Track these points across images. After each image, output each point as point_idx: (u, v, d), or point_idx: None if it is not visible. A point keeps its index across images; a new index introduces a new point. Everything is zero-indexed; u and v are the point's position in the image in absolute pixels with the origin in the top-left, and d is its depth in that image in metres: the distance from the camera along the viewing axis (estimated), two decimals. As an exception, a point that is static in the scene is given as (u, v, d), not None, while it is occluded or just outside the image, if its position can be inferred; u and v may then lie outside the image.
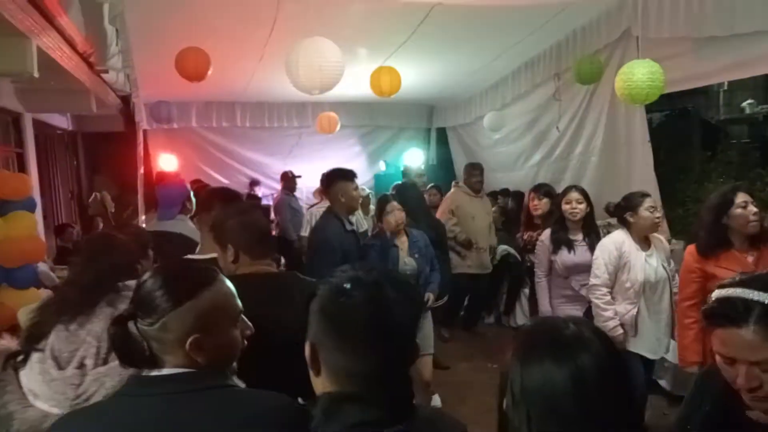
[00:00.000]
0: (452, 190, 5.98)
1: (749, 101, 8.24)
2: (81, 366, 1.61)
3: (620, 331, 3.23)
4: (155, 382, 1.18)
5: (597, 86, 5.25)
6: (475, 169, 5.82)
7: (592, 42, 5.00)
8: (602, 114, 5.36)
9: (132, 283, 1.54)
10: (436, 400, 4.29)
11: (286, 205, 7.32)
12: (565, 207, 3.77)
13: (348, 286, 1.02)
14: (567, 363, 0.97)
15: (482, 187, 5.86)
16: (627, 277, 3.21)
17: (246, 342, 1.32)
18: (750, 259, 2.77)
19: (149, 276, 1.25)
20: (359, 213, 5.65)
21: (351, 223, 3.76)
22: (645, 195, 3.31)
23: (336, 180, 3.70)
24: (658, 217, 3.26)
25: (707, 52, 4.08)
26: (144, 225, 5.81)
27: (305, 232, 5.54)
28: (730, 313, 1.17)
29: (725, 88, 8.60)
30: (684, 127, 7.85)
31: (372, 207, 6.11)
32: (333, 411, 1.00)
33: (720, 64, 4.08)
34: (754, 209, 2.74)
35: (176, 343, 1.17)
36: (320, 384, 1.05)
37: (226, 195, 2.66)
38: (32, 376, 1.57)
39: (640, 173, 4.94)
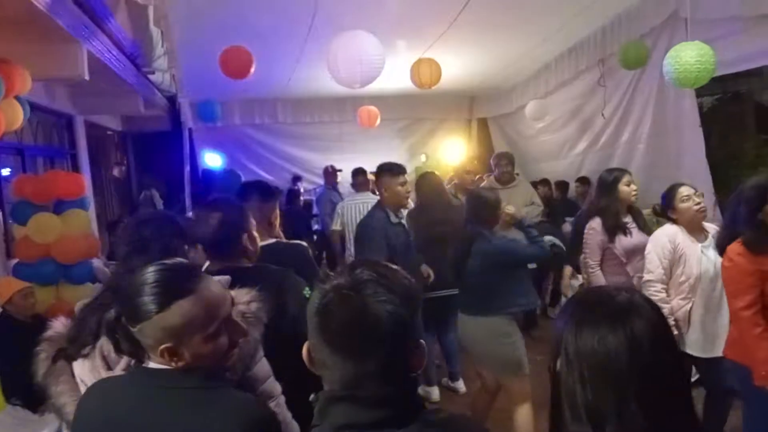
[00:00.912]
0: (483, 183, 5.84)
1: (808, 81, 7.84)
2: (129, 367, 1.63)
3: (674, 332, 3.11)
4: (143, 373, 1.26)
5: (644, 71, 5.09)
6: (502, 159, 5.54)
7: (638, 25, 4.85)
8: (650, 99, 5.20)
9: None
10: (460, 386, 4.37)
11: (327, 200, 7.38)
12: (624, 189, 3.54)
13: (331, 288, 1.01)
14: (622, 327, 1.01)
15: (512, 177, 5.52)
16: (682, 270, 3.04)
17: (236, 344, 1.33)
18: None
19: (132, 279, 1.27)
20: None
21: (398, 216, 3.77)
22: (677, 186, 3.14)
23: (382, 174, 3.77)
24: (698, 204, 3.05)
25: (760, 31, 3.91)
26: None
27: (338, 226, 5.51)
28: None
29: (781, 68, 8.20)
30: (737, 111, 7.53)
31: None
32: (325, 411, 1.00)
33: (776, 44, 3.91)
34: None
35: (153, 347, 1.22)
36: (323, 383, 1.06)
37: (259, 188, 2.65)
38: (84, 368, 1.60)
39: (691, 160, 4.77)
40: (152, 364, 1.25)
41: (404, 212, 3.90)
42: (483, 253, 3.21)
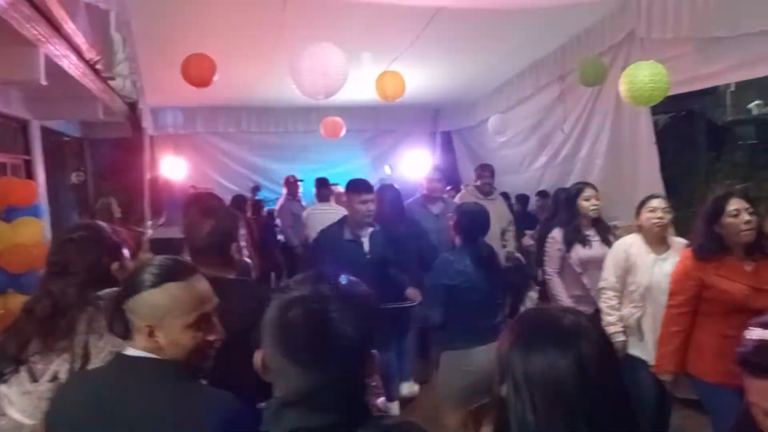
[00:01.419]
0: (461, 192, 5.84)
1: (756, 102, 8.20)
2: (54, 379, 1.59)
3: (621, 338, 3.18)
4: (121, 361, 1.30)
5: (602, 88, 5.25)
6: (485, 170, 5.60)
7: (597, 44, 5.00)
8: (607, 116, 5.35)
9: (111, 291, 1.58)
10: (413, 388, 4.38)
11: (288, 211, 7.32)
12: (583, 204, 3.68)
13: (292, 300, 1.03)
14: (571, 351, 1.02)
15: (492, 189, 5.60)
16: (633, 279, 3.16)
17: (212, 346, 1.37)
18: (748, 268, 2.63)
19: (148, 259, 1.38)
20: None
21: (355, 233, 3.74)
22: (651, 196, 3.24)
23: (347, 190, 3.83)
24: (659, 218, 3.12)
25: (712, 52, 4.07)
26: (150, 230, 5.86)
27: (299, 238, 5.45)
28: None
29: (732, 89, 8.55)
30: (690, 129, 7.82)
31: None
32: (277, 415, 1.02)
33: (725, 65, 4.07)
34: (747, 217, 2.58)
35: (137, 325, 1.29)
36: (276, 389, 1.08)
37: (199, 200, 2.64)
38: (9, 384, 1.57)
39: (646, 175, 4.92)
40: (131, 351, 1.30)
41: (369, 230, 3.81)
42: None
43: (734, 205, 2.61)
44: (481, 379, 2.78)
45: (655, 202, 3.17)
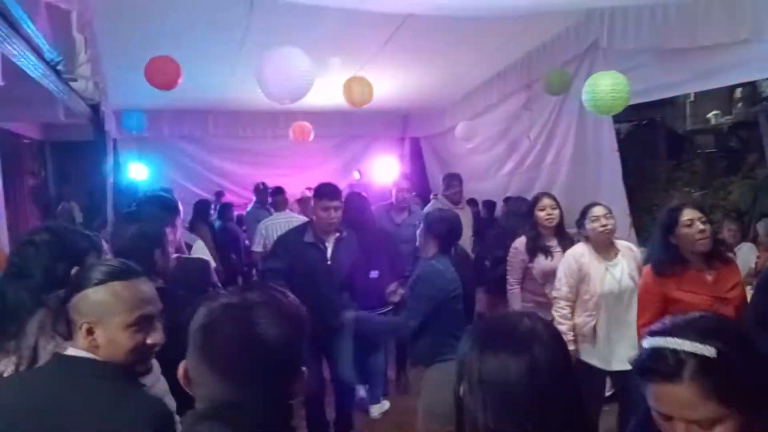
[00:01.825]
0: (431, 202, 5.80)
1: (714, 112, 8.45)
2: None
3: (572, 347, 3.17)
4: (60, 361, 1.32)
5: (566, 97, 5.35)
6: (453, 180, 5.56)
7: (561, 53, 5.10)
8: (572, 124, 5.46)
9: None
10: (384, 407, 4.33)
11: (253, 219, 7.20)
12: (539, 214, 3.72)
13: (218, 306, 1.02)
14: (523, 355, 1.05)
15: (462, 198, 5.62)
16: (586, 288, 3.19)
17: (152, 350, 1.39)
18: (709, 278, 2.65)
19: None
20: None
21: (318, 238, 3.62)
22: (591, 205, 3.26)
23: (313, 195, 3.81)
24: (603, 225, 3.14)
25: (671, 64, 4.20)
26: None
27: (259, 247, 5.24)
28: (662, 367, 1.02)
29: (691, 99, 8.80)
30: (651, 137, 8.02)
31: None
32: (191, 428, 1.00)
33: (684, 76, 4.20)
34: (701, 226, 2.60)
35: (78, 323, 1.30)
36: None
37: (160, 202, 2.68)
38: None
39: (609, 182, 5.04)
40: (71, 351, 1.31)
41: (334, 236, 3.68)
42: None
43: (687, 215, 2.63)
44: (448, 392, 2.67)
45: (597, 210, 3.19)
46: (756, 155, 6.01)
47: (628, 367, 2.99)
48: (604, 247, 3.22)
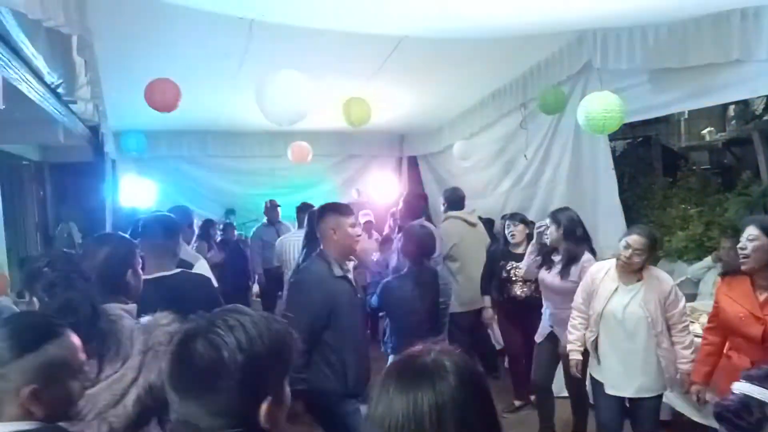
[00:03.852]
0: (447, 221, 5.21)
1: (708, 129, 8.53)
2: None
3: (577, 357, 3.29)
4: None
5: (562, 116, 5.41)
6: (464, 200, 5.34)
7: (556, 73, 5.16)
8: (567, 143, 5.51)
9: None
10: None
11: (257, 237, 7.22)
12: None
13: (183, 329, 1.05)
14: (408, 392, 0.95)
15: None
16: (592, 304, 3.24)
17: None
18: (760, 296, 2.62)
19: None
20: None
21: (343, 268, 2.96)
22: (633, 232, 3.15)
23: (326, 214, 3.00)
24: (627, 258, 3.06)
25: (664, 83, 4.27)
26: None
27: (279, 263, 5.22)
28: (744, 417, 0.93)
29: (686, 116, 8.90)
30: (646, 155, 8.08)
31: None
32: None
33: (676, 95, 4.27)
34: (743, 245, 2.61)
35: (14, 393, 1.23)
36: None
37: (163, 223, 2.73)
38: None
39: (606, 199, 5.08)
40: (2, 427, 1.22)
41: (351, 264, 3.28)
42: None
43: (746, 232, 2.62)
44: None
45: (632, 240, 3.08)
46: (750, 172, 6.05)
47: (639, 394, 3.09)
48: (626, 272, 3.18)
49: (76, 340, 1.35)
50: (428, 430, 0.92)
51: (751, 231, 2.57)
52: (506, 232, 4.70)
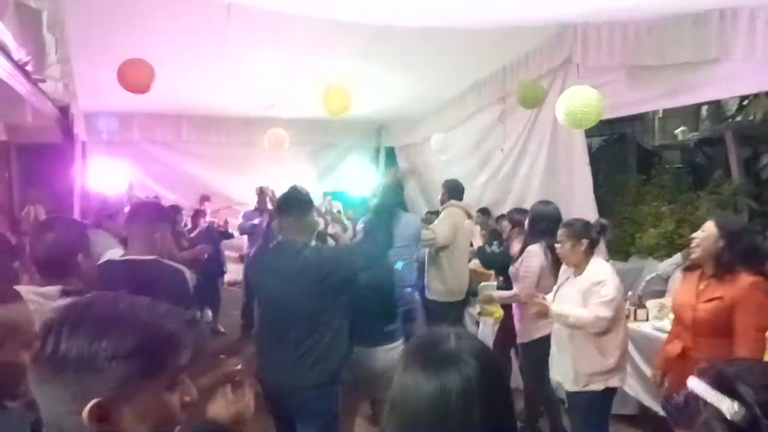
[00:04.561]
0: (450, 209, 5.01)
1: (681, 128, 8.67)
2: None
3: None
4: None
5: (540, 110, 5.43)
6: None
7: (535, 67, 5.19)
8: (545, 137, 5.54)
9: None
10: None
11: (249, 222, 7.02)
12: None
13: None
14: (435, 378, 0.98)
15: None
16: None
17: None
18: (702, 285, 2.72)
19: None
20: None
21: None
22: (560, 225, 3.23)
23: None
24: (559, 247, 3.11)
25: (641, 80, 4.30)
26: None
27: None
28: (679, 410, 0.95)
29: (660, 115, 9.03)
30: (621, 152, 8.19)
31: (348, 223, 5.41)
32: None
33: (653, 93, 4.31)
34: (694, 235, 2.73)
35: None
36: None
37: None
38: None
39: (581, 195, 5.12)
40: None
41: None
42: None
43: (704, 225, 2.73)
44: (374, 377, 2.94)
45: (558, 232, 3.14)
46: (721, 171, 6.17)
47: (571, 387, 3.09)
48: (566, 263, 3.19)
49: (28, 311, 1.31)
50: (455, 415, 0.95)
51: (706, 224, 2.70)
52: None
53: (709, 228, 2.66)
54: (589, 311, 2.90)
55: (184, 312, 0.99)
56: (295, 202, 2.94)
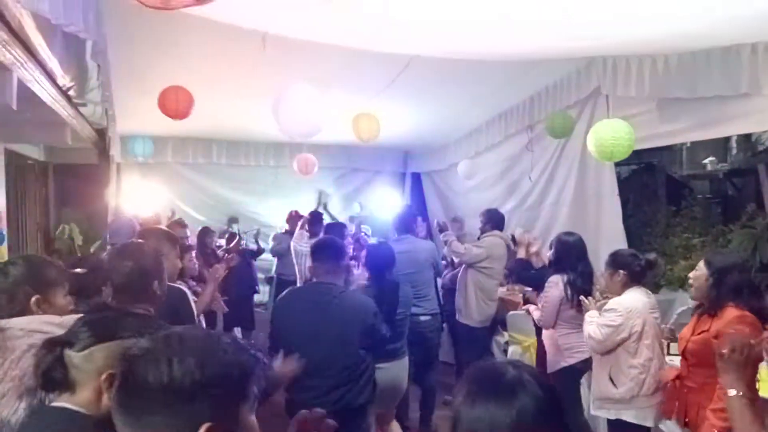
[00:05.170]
0: (491, 237, 5.02)
1: (710, 159, 8.56)
2: None
3: None
4: (52, 413, 1.30)
5: (568, 140, 5.43)
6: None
7: (564, 97, 5.20)
8: (573, 167, 5.52)
9: (14, 321, 1.63)
10: None
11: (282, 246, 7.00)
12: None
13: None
14: (510, 404, 1.04)
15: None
16: None
17: None
18: (693, 322, 2.92)
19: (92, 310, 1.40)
20: None
21: None
22: None
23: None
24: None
25: (672, 112, 4.29)
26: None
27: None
28: None
29: (688, 145, 8.93)
30: (650, 181, 8.08)
31: None
32: None
33: (683, 125, 4.29)
34: (691, 275, 2.88)
35: (94, 374, 1.28)
36: None
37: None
38: None
39: (609, 225, 5.08)
40: (63, 403, 1.28)
41: None
42: None
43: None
44: (383, 389, 3.28)
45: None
46: (754, 205, 6.05)
47: (591, 410, 3.10)
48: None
49: None
50: None
51: (700, 262, 2.82)
52: None
53: (701, 266, 2.78)
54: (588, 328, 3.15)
55: (246, 343, 1.08)
56: (331, 250, 3.08)
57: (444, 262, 5.62)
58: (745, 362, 1.63)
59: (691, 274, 2.85)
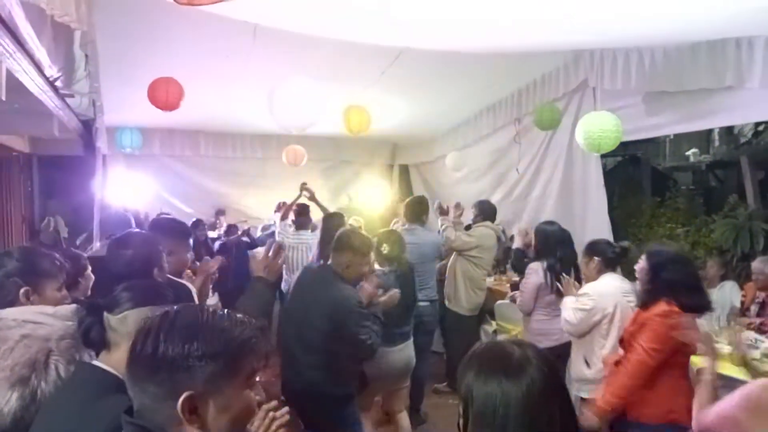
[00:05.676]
0: (482, 228, 5.07)
1: (693, 150, 8.69)
2: None
3: None
4: (85, 369, 1.43)
5: (555, 132, 5.49)
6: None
7: (551, 90, 5.24)
8: (559, 159, 5.58)
9: (6, 312, 1.67)
10: None
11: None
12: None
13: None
14: (520, 379, 1.14)
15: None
16: None
17: None
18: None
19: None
20: None
21: None
22: None
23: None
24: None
25: (657, 105, 4.36)
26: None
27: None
28: None
29: (671, 137, 9.06)
30: (635, 173, 8.21)
31: None
32: None
33: (669, 118, 4.36)
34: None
35: (126, 336, 1.34)
36: None
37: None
38: None
39: (595, 216, 5.15)
40: (98, 363, 1.40)
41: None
42: None
43: None
44: (392, 372, 3.53)
45: None
46: (736, 196, 6.18)
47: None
48: None
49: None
50: (536, 416, 1.12)
51: (642, 256, 2.81)
52: None
53: (643, 259, 2.78)
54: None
55: (257, 321, 1.14)
56: (353, 247, 3.07)
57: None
58: None
59: (635, 267, 2.82)
